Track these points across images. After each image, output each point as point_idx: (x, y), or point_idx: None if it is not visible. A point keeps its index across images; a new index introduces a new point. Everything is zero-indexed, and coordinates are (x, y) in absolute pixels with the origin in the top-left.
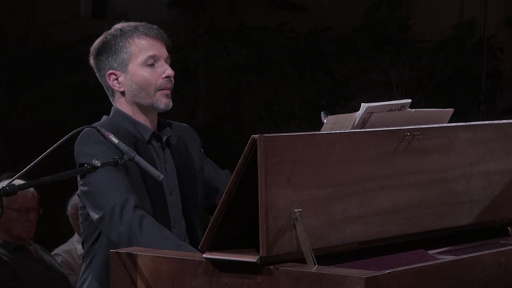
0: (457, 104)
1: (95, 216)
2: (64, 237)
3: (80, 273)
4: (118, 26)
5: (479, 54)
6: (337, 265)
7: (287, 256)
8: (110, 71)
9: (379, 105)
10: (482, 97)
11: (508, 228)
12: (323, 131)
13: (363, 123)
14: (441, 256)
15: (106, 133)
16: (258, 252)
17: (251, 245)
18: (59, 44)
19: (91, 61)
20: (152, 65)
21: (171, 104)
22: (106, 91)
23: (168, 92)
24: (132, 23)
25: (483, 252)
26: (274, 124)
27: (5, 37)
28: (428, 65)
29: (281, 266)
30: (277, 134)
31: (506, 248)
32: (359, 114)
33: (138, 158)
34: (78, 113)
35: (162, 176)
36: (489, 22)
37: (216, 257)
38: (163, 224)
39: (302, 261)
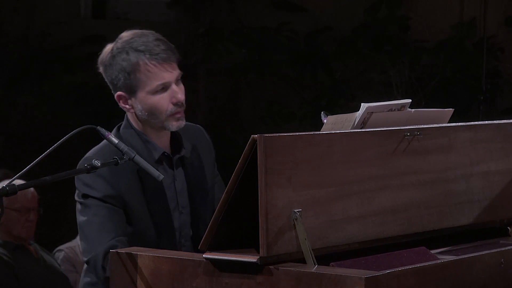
0: (457, 104)
1: (82, 256)
2: (64, 237)
3: (82, 276)
4: (125, 42)
5: (479, 54)
6: (338, 262)
7: (287, 256)
8: (118, 93)
9: (379, 105)
10: (482, 97)
11: (508, 228)
12: (323, 131)
13: (363, 123)
14: (441, 256)
15: (106, 133)
16: (258, 252)
17: (251, 245)
18: (59, 44)
19: (101, 70)
20: (161, 91)
21: (184, 123)
22: None
23: (180, 115)
24: (141, 41)
25: (483, 252)
26: (274, 124)
27: (5, 37)
28: (428, 65)
29: (281, 266)
30: (277, 134)
31: (506, 248)
32: (359, 114)
33: (138, 158)
34: (78, 113)
35: (162, 176)
36: (489, 22)
37: (216, 257)
38: (169, 247)
39: (302, 261)
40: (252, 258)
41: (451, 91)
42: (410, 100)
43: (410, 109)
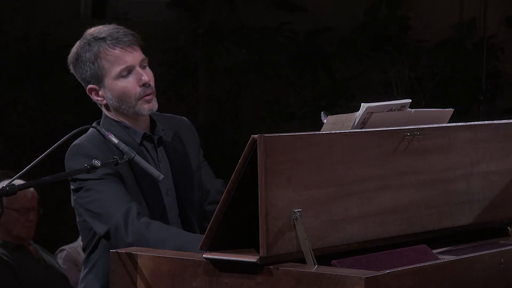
0: (457, 104)
1: (100, 232)
2: (64, 237)
3: (80, 279)
4: (88, 34)
5: (479, 54)
6: (340, 260)
7: (287, 256)
8: (88, 86)
9: (379, 105)
10: (482, 97)
11: (508, 228)
12: (323, 131)
13: (363, 123)
14: (441, 256)
15: (106, 133)
16: (258, 252)
17: (251, 245)
18: (59, 44)
19: (71, 70)
20: (127, 75)
21: (156, 106)
22: None
23: (150, 97)
24: (102, 30)
25: (483, 252)
26: (274, 124)
27: (5, 37)
28: (428, 65)
29: (281, 266)
30: (277, 134)
31: (506, 248)
32: (359, 114)
33: (138, 158)
34: (78, 113)
35: (162, 176)
36: (489, 22)
37: (216, 257)
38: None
39: (302, 261)
40: (252, 258)
41: (451, 91)
42: (410, 100)
43: (410, 109)
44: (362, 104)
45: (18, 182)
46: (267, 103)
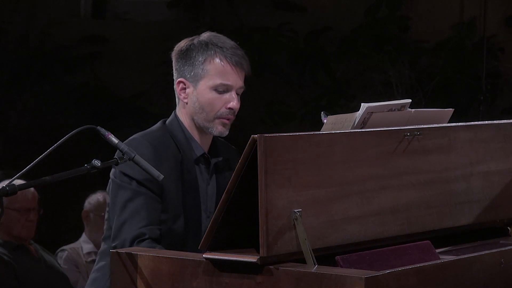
0: (457, 104)
1: (110, 242)
2: (64, 237)
3: (93, 270)
4: (206, 37)
5: (479, 54)
6: (343, 256)
7: (287, 256)
8: (180, 79)
9: (379, 105)
10: (482, 97)
11: (508, 228)
12: (323, 131)
13: (363, 123)
14: (441, 256)
15: (106, 133)
16: (258, 252)
17: (251, 245)
18: (59, 44)
19: (172, 58)
20: (221, 92)
21: (227, 133)
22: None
23: (227, 122)
24: (224, 40)
25: (483, 252)
26: (274, 124)
27: (5, 37)
28: (428, 65)
29: (281, 266)
30: (277, 134)
31: (506, 248)
32: (359, 114)
33: (138, 158)
34: (78, 113)
35: (162, 176)
36: (489, 22)
37: (216, 257)
38: (194, 245)
39: (302, 261)
40: (252, 258)
41: (451, 91)
42: (410, 100)
43: (410, 109)
44: (362, 104)
45: (18, 182)
46: (267, 103)
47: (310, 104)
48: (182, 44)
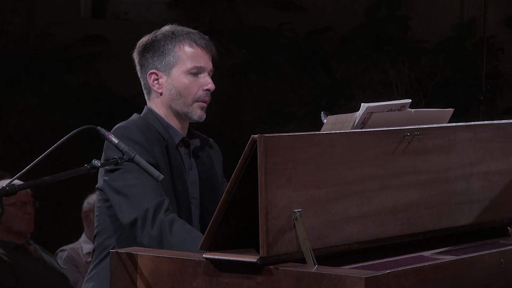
0: (457, 104)
1: (126, 218)
2: (64, 237)
3: (91, 267)
4: (169, 28)
5: (479, 54)
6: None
7: (287, 256)
8: (152, 71)
9: (379, 105)
10: (482, 97)
11: (508, 228)
12: (323, 131)
13: (363, 123)
14: (441, 256)
15: (106, 133)
16: (258, 252)
17: (251, 245)
18: (59, 44)
19: (135, 55)
20: (195, 75)
21: (205, 116)
22: (143, 88)
23: (205, 105)
24: (184, 29)
25: (483, 252)
26: (274, 124)
27: (5, 37)
28: (428, 65)
29: (281, 266)
30: (277, 134)
31: (506, 248)
32: (359, 114)
33: (138, 158)
34: (78, 113)
35: (162, 176)
36: (489, 22)
37: (216, 257)
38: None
39: (302, 261)
40: (252, 258)
41: (451, 91)
42: (410, 100)
43: (410, 109)
44: (362, 104)
45: (18, 182)
46: (267, 103)
47: (310, 104)
48: (145, 40)
